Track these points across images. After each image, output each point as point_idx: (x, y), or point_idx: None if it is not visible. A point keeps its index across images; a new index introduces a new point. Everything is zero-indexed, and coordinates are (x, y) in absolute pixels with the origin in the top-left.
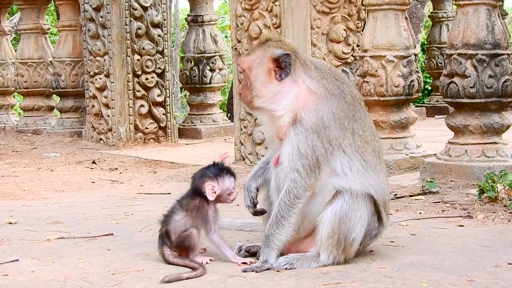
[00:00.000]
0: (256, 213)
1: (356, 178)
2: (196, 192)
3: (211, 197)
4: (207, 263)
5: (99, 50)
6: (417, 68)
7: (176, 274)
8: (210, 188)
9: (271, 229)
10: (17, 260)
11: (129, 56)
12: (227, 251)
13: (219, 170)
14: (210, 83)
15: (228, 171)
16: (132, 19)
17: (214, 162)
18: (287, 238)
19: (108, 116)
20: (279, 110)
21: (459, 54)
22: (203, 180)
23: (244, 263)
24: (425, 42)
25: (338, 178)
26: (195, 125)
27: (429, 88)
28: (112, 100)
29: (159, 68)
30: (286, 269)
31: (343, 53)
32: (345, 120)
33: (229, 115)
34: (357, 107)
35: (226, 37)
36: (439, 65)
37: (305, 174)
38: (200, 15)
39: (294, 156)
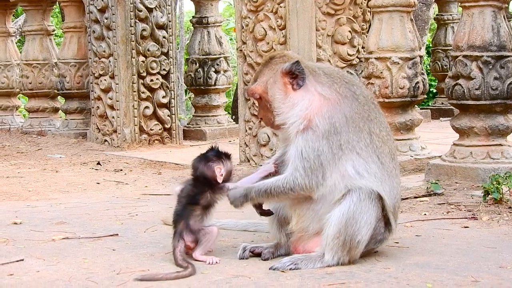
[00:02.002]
0: (263, 213)
1: (371, 181)
2: (201, 180)
3: (220, 179)
4: (217, 262)
5: (104, 51)
6: (422, 70)
7: (151, 274)
8: (219, 171)
9: (257, 186)
10: (22, 260)
11: (134, 58)
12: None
13: (218, 153)
14: (215, 84)
15: (226, 154)
16: (137, 21)
17: (212, 147)
18: (262, 201)
19: (113, 117)
20: (292, 117)
21: (464, 56)
22: (210, 165)
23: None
24: (430, 45)
25: (350, 179)
26: (200, 127)
27: (434, 90)
28: (117, 101)
29: (164, 69)
30: (290, 269)
31: (348, 55)
32: (360, 121)
33: (233, 117)
34: (371, 107)
35: (231, 39)
36: (444, 67)
37: (305, 176)
38: (205, 17)
39: (296, 158)
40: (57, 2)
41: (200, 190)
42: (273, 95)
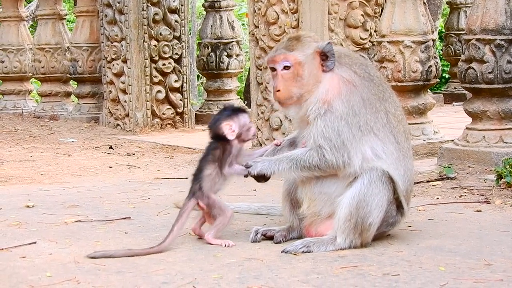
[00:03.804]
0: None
1: (388, 163)
2: (216, 139)
3: (231, 136)
4: (232, 246)
5: (116, 35)
6: (435, 53)
7: (103, 251)
8: (228, 128)
9: (279, 159)
10: (34, 242)
11: (146, 42)
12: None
13: (231, 110)
14: (227, 69)
15: (240, 109)
16: (149, 5)
17: (224, 106)
18: (280, 175)
19: (125, 101)
20: (314, 97)
21: (477, 40)
22: (219, 123)
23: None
24: (443, 29)
25: (368, 161)
26: (212, 111)
27: (447, 75)
28: (129, 85)
29: (176, 53)
30: (303, 252)
31: (361, 38)
32: (376, 102)
33: (246, 102)
34: (384, 87)
35: (243, 24)
36: (457, 52)
37: (331, 153)
38: (217, 1)
39: (319, 137)
40: None
41: (213, 147)
42: (308, 69)
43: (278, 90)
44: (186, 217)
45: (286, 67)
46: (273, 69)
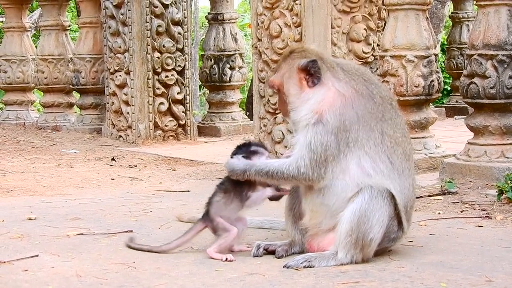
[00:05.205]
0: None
1: (378, 180)
2: None
3: None
4: (232, 260)
5: (120, 47)
6: (437, 68)
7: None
8: None
9: (258, 166)
10: (37, 255)
11: (149, 54)
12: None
13: (255, 146)
14: (229, 81)
15: (263, 146)
16: (153, 17)
17: (243, 143)
18: (258, 181)
19: (128, 113)
20: (303, 111)
21: (479, 55)
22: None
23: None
24: (445, 43)
25: (363, 176)
26: (214, 123)
27: (449, 88)
28: (132, 97)
29: (179, 65)
30: (304, 267)
31: (363, 52)
32: (372, 121)
33: (247, 113)
34: (386, 108)
35: (245, 35)
36: (459, 65)
37: (310, 167)
38: (220, 13)
39: (304, 148)
40: None
41: (226, 179)
42: (288, 89)
43: (280, 109)
44: (191, 235)
45: (275, 91)
46: None
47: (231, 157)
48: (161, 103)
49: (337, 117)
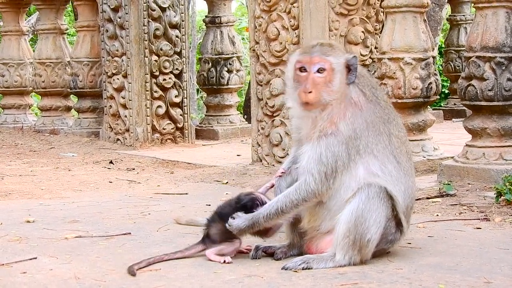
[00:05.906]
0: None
1: (386, 180)
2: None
3: None
4: (230, 262)
5: (117, 50)
6: (435, 70)
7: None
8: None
9: (265, 211)
10: (35, 258)
11: (146, 57)
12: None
13: (245, 196)
14: (227, 84)
15: (251, 193)
16: (150, 20)
17: (239, 198)
18: (269, 225)
19: (126, 116)
20: (327, 111)
21: (477, 57)
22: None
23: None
24: (443, 45)
25: (369, 177)
26: (212, 126)
27: (447, 91)
28: (130, 100)
29: (177, 69)
30: (302, 268)
31: (361, 55)
32: (380, 125)
33: (245, 116)
34: (389, 109)
35: (243, 38)
36: (457, 68)
37: (319, 181)
38: (218, 17)
39: (313, 161)
40: (70, 1)
41: (230, 213)
42: (338, 77)
43: (310, 92)
44: (189, 253)
45: (320, 70)
46: (303, 70)
47: (231, 218)
48: (159, 106)
49: (349, 126)
